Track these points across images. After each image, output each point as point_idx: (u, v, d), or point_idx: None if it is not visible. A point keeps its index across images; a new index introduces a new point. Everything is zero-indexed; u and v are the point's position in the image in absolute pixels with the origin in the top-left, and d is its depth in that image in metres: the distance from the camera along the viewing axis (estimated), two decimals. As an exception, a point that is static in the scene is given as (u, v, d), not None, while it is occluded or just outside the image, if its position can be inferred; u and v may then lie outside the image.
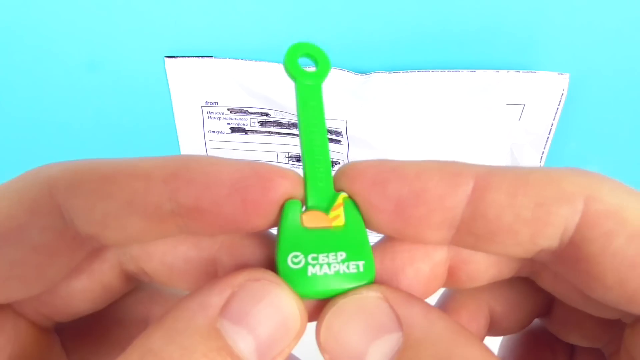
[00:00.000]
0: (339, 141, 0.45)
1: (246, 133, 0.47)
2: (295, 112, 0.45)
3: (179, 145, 0.49)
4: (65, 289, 0.12)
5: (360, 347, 0.11)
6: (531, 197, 0.12)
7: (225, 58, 0.43)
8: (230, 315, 0.10)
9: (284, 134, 0.46)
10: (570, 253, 0.11)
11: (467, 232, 0.12)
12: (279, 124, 0.46)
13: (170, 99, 0.46)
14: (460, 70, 0.41)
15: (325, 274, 0.12)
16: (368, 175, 0.12)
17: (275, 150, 0.48)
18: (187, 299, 0.10)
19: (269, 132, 0.47)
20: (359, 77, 0.42)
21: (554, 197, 0.11)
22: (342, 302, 0.11)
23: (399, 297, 0.11)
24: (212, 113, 0.46)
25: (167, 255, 0.13)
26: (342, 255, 0.12)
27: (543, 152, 0.45)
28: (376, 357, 0.10)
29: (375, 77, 0.42)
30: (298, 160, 0.48)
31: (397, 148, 0.44)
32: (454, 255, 0.13)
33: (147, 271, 0.13)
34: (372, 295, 0.11)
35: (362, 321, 0.11)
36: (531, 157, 0.45)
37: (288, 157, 0.48)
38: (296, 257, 0.12)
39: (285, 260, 0.12)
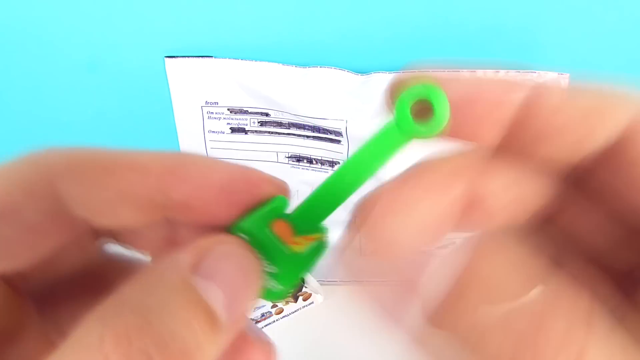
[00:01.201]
0: (339, 141, 0.45)
1: (246, 133, 0.47)
2: (294, 112, 0.45)
3: (179, 145, 0.49)
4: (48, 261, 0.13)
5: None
6: (586, 98, 0.12)
7: (225, 58, 0.43)
8: (201, 272, 0.11)
9: (284, 134, 0.46)
10: (617, 156, 0.12)
11: (517, 134, 0.12)
12: (279, 124, 0.46)
13: (170, 99, 0.46)
14: (461, 70, 0.41)
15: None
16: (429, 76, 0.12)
17: (275, 150, 0.48)
18: (159, 261, 0.11)
19: (269, 132, 0.47)
20: (359, 77, 0.42)
21: (607, 97, 0.12)
22: None
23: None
24: (212, 113, 0.46)
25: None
26: (274, 270, 0.13)
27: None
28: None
29: (375, 77, 0.42)
30: (298, 160, 0.48)
31: (397, 148, 0.44)
32: (470, 193, 0.13)
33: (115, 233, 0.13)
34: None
35: None
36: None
37: (288, 157, 0.48)
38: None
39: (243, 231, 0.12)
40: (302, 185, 0.49)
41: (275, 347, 0.14)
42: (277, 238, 0.13)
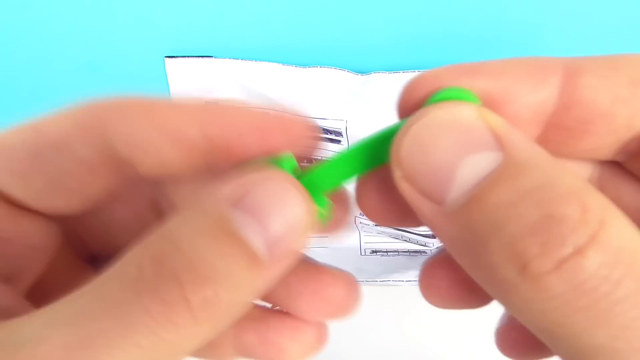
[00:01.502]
0: (339, 141, 0.45)
1: (246, 133, 0.47)
2: (294, 112, 0.45)
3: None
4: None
5: (451, 159, 0.10)
6: (627, 76, 0.11)
7: (225, 58, 0.43)
8: (242, 206, 0.11)
9: (284, 134, 0.46)
10: None
11: (558, 127, 0.11)
12: (279, 124, 0.46)
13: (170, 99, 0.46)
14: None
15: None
16: (449, 76, 0.12)
17: (275, 150, 0.48)
18: (203, 194, 0.11)
19: (269, 132, 0.47)
20: (359, 77, 0.42)
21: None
22: (435, 114, 0.11)
23: (498, 120, 0.11)
24: (212, 113, 0.46)
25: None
26: None
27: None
28: (469, 171, 0.10)
29: (375, 77, 0.42)
30: (298, 160, 0.48)
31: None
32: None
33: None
34: (468, 111, 0.11)
35: (458, 134, 0.10)
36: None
37: (288, 157, 0.48)
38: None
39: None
40: (302, 185, 0.49)
41: (355, 282, 0.14)
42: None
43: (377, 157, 0.12)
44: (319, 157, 0.51)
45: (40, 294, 0.13)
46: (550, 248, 0.09)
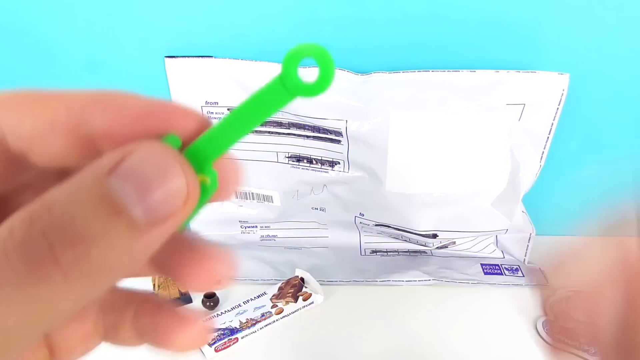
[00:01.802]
0: (339, 141, 0.45)
1: (246, 133, 0.47)
2: (294, 112, 0.45)
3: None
4: None
5: None
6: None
7: (225, 58, 0.43)
8: (117, 172, 0.11)
9: (284, 134, 0.46)
10: None
11: (619, 347, 0.12)
12: (279, 124, 0.46)
13: (170, 99, 0.46)
14: (460, 70, 0.41)
15: None
16: None
17: (275, 150, 0.48)
18: (85, 167, 0.12)
19: (268, 132, 0.47)
20: (359, 77, 0.42)
21: None
22: None
23: None
24: (212, 113, 0.46)
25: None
26: None
27: (543, 152, 0.45)
28: None
29: (375, 77, 0.42)
30: (298, 160, 0.48)
31: (397, 148, 0.44)
32: None
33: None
34: None
35: None
36: (531, 157, 0.45)
37: (288, 157, 0.48)
38: None
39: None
40: (302, 185, 0.49)
41: (234, 257, 0.14)
42: None
43: (254, 119, 0.13)
44: (319, 158, 0.51)
45: None
46: None
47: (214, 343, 0.41)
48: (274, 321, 0.44)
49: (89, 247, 0.10)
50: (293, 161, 0.48)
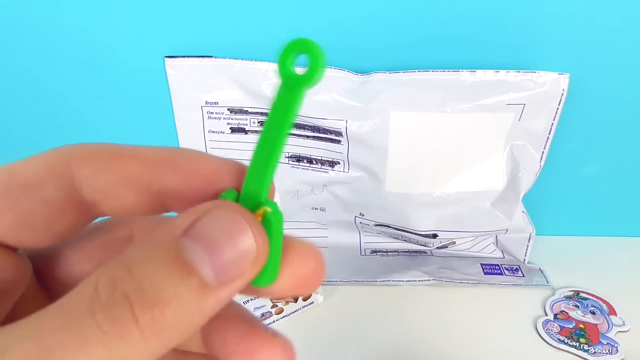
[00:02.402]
0: (339, 141, 0.45)
1: (246, 133, 0.47)
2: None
3: (179, 145, 0.49)
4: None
5: None
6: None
7: (225, 58, 0.43)
8: (191, 234, 0.12)
9: (284, 134, 0.46)
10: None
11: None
12: (279, 124, 0.46)
13: (170, 99, 0.46)
14: (460, 70, 0.41)
15: None
16: None
17: (275, 150, 0.48)
18: (162, 224, 0.13)
19: (269, 132, 0.47)
20: (359, 77, 0.42)
21: None
22: None
23: None
24: (212, 113, 0.46)
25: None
26: None
27: (543, 152, 0.45)
28: None
29: (375, 77, 0.42)
30: (298, 160, 0.48)
31: (397, 148, 0.44)
32: None
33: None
34: None
35: None
36: (531, 157, 0.45)
37: (288, 157, 0.48)
38: None
39: None
40: (302, 185, 0.49)
41: (294, 348, 0.14)
42: None
43: (279, 132, 0.13)
44: (319, 158, 0.51)
45: None
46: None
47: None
48: (274, 321, 0.44)
49: (164, 309, 0.11)
50: (293, 161, 0.48)
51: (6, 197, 0.13)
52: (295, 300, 0.46)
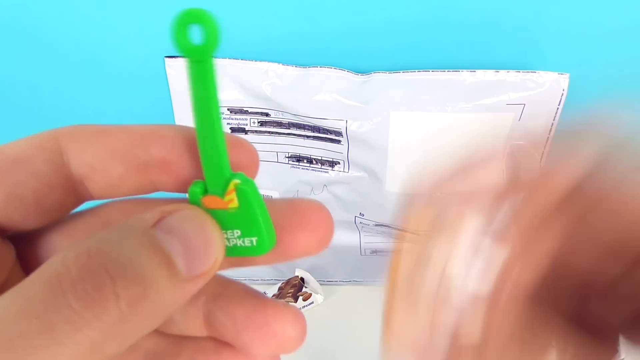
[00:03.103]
0: (339, 141, 0.45)
1: (246, 133, 0.47)
2: (294, 112, 0.45)
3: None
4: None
5: None
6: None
7: (225, 58, 0.43)
8: (161, 227, 0.12)
9: (284, 134, 0.46)
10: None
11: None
12: (279, 124, 0.46)
13: (170, 99, 0.46)
14: (460, 70, 0.41)
15: (226, 246, 0.14)
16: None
17: (275, 150, 0.48)
18: (126, 219, 0.12)
19: (269, 132, 0.47)
20: (359, 77, 0.42)
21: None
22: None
23: None
24: (212, 113, 0.46)
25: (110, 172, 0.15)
26: (237, 232, 0.14)
27: (543, 152, 0.45)
28: None
29: (375, 77, 0.42)
30: (298, 160, 0.48)
31: (396, 148, 0.44)
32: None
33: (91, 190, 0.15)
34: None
35: None
36: (531, 157, 0.45)
37: (288, 157, 0.48)
38: None
39: None
40: (302, 185, 0.49)
41: (305, 318, 0.14)
42: (220, 212, 0.14)
43: (208, 108, 0.13)
44: (319, 158, 0.51)
45: None
46: None
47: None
48: (274, 321, 0.44)
49: (147, 288, 0.10)
50: (293, 161, 0.48)
51: None
52: (296, 300, 0.46)
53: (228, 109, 0.46)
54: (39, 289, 0.10)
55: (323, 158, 0.47)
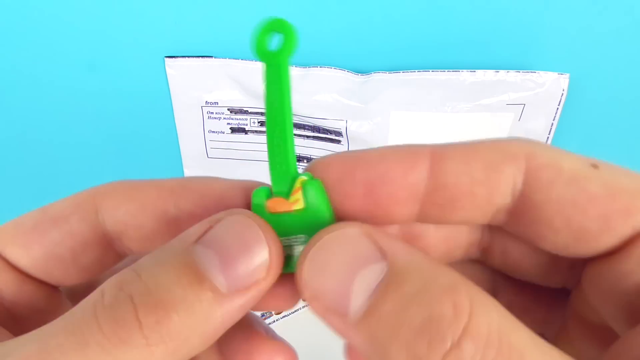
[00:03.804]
0: (339, 141, 0.45)
1: (246, 133, 0.47)
2: (294, 112, 0.45)
3: (179, 145, 0.49)
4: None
5: (346, 277, 0.12)
6: (482, 161, 0.13)
7: (225, 58, 0.43)
8: (203, 241, 0.12)
9: (284, 134, 0.46)
10: (521, 207, 0.13)
11: (431, 204, 0.13)
12: (279, 124, 0.46)
13: (170, 99, 0.46)
14: (460, 70, 0.41)
15: (289, 255, 0.13)
16: (336, 166, 0.13)
17: (275, 150, 0.48)
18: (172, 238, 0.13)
19: (269, 132, 0.47)
20: (359, 77, 0.42)
21: (500, 158, 0.13)
22: (325, 239, 0.12)
23: (378, 232, 0.12)
24: (212, 113, 0.46)
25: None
26: (302, 237, 0.13)
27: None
28: (362, 287, 0.11)
29: (375, 77, 0.42)
30: (298, 160, 0.48)
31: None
32: (406, 232, 0.14)
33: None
34: (353, 230, 0.12)
35: (346, 253, 0.12)
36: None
37: (288, 157, 0.48)
38: None
39: None
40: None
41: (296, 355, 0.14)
42: (285, 215, 0.13)
43: (281, 110, 0.13)
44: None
45: None
46: (434, 346, 0.10)
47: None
48: (274, 321, 0.44)
49: (169, 312, 0.11)
50: (293, 161, 0.48)
51: (36, 230, 0.14)
52: (295, 300, 0.46)
53: (228, 109, 0.46)
54: (79, 312, 0.11)
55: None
